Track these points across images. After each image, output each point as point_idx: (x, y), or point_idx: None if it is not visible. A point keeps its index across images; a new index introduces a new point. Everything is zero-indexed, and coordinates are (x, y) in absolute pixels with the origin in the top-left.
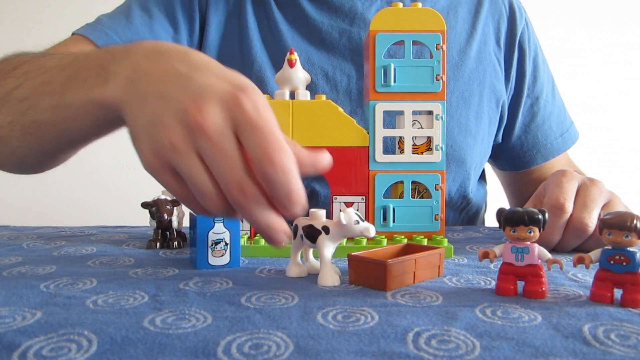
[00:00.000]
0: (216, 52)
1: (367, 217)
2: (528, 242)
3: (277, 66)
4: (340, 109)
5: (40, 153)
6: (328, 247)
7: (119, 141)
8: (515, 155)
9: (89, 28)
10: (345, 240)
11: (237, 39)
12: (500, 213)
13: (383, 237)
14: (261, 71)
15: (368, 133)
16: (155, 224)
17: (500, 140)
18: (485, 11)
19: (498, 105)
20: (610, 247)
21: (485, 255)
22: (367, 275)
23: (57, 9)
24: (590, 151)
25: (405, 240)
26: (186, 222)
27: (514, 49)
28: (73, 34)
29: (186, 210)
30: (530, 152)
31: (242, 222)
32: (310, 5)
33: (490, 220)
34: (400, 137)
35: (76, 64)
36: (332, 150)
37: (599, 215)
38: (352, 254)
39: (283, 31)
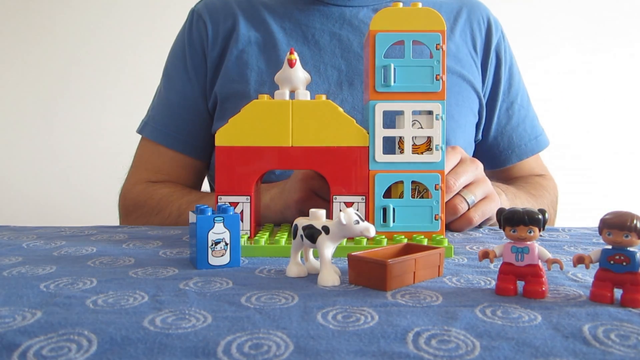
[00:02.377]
0: (217, 75)
1: (367, 217)
2: (528, 242)
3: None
4: (340, 109)
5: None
6: (328, 247)
7: (119, 143)
8: (492, 154)
9: (150, 129)
10: (345, 240)
11: (235, 58)
12: (500, 213)
13: (383, 237)
14: (260, 79)
15: (368, 133)
16: None
17: (481, 138)
18: (462, 20)
19: (476, 96)
20: (610, 247)
21: (485, 255)
22: (367, 275)
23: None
24: (590, 152)
25: (405, 240)
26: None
27: (490, 54)
28: (138, 132)
29: None
30: (506, 151)
31: (242, 222)
32: (302, 15)
33: None
34: (400, 137)
35: None
36: (332, 150)
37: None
38: (352, 254)
39: (278, 39)
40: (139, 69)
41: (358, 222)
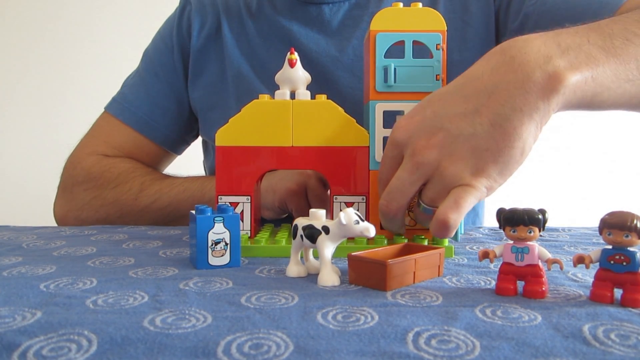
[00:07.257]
0: (201, 73)
1: (367, 217)
2: (528, 242)
3: (260, 76)
4: (341, 109)
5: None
6: (328, 247)
7: None
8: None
9: (118, 107)
10: (345, 240)
11: (217, 56)
12: (500, 213)
13: (383, 237)
14: (246, 81)
15: (368, 133)
16: None
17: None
18: None
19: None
20: (610, 247)
21: (485, 255)
22: (367, 275)
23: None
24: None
25: (405, 240)
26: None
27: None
28: (105, 109)
29: None
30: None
31: (242, 221)
32: (280, 15)
33: (490, 219)
34: None
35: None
36: (332, 150)
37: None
38: (352, 254)
39: (256, 42)
40: None
41: (358, 222)
